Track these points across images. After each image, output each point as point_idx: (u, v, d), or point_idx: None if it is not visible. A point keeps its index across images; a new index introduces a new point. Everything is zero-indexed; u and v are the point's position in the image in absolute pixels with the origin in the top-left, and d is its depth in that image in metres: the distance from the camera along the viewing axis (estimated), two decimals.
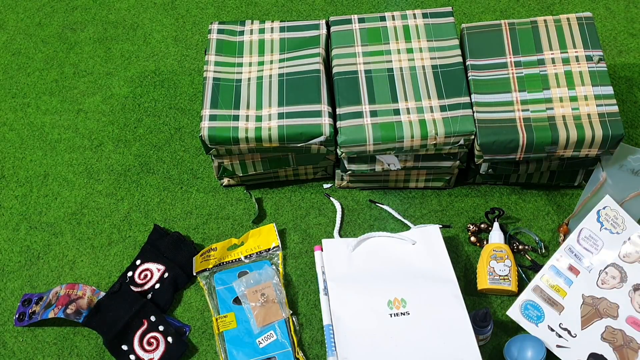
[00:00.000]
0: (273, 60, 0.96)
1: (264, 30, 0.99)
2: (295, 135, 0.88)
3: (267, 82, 0.93)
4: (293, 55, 0.96)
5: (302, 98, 0.91)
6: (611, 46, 1.14)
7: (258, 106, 0.92)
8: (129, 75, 1.16)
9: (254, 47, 0.98)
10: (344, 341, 0.82)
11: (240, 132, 0.89)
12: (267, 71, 0.95)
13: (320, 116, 0.89)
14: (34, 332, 0.90)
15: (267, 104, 0.91)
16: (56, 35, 1.23)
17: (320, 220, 0.98)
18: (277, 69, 0.95)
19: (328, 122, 0.89)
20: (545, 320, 0.84)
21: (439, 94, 0.90)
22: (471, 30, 0.95)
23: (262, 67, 0.95)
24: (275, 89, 0.93)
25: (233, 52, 0.97)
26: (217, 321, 0.87)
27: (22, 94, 1.15)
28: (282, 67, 0.95)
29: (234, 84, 0.94)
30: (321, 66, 0.94)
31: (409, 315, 0.83)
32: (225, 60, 0.96)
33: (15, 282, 0.94)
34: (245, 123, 0.90)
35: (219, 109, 0.91)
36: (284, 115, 0.90)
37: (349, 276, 0.88)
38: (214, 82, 0.94)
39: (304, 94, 0.91)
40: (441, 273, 0.88)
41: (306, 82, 0.92)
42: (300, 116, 0.89)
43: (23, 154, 1.08)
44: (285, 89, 0.92)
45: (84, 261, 0.96)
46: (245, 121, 0.90)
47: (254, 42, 0.98)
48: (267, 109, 0.91)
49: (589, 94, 0.89)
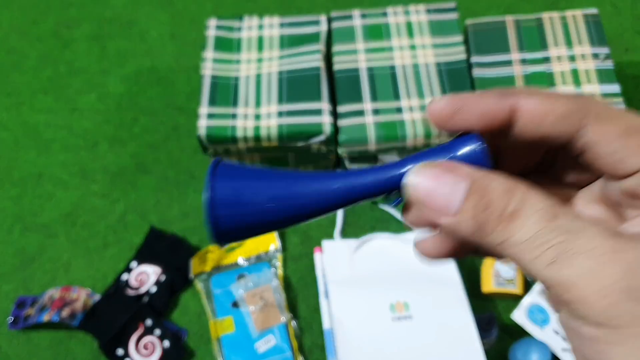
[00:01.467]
0: (272, 57, 0.94)
1: (262, 26, 0.97)
2: (294, 134, 0.86)
3: (267, 80, 0.91)
4: (293, 52, 0.93)
5: (301, 96, 0.89)
6: (617, 43, 1.12)
7: (257, 104, 0.89)
8: (125, 73, 1.14)
9: (252, 43, 0.95)
10: (345, 346, 0.80)
11: (239, 131, 0.87)
12: (266, 68, 0.92)
13: (321, 114, 0.87)
14: (29, 335, 0.88)
15: (267, 101, 0.89)
16: (51, 33, 1.21)
17: (320, 222, 0.96)
18: (277, 66, 0.92)
19: (328, 121, 0.87)
20: (550, 324, 0.82)
21: (442, 91, 0.88)
22: (476, 26, 0.94)
23: (261, 64, 0.93)
24: (274, 86, 0.90)
25: (231, 49, 0.95)
26: (214, 325, 0.86)
27: (16, 93, 1.13)
28: (281, 64, 0.93)
29: (232, 82, 0.92)
30: (321, 63, 0.92)
31: (412, 319, 0.82)
32: (223, 57, 0.94)
33: (10, 284, 0.93)
34: (244, 121, 0.88)
35: (217, 106, 0.89)
36: (284, 114, 0.88)
37: (350, 279, 0.87)
38: (212, 80, 0.92)
39: (303, 91, 0.89)
40: (445, 276, 0.86)
41: (306, 79, 0.90)
42: (299, 114, 0.87)
43: (17, 153, 1.06)
44: (284, 87, 0.90)
45: (79, 263, 0.94)
46: (244, 119, 0.88)
47: (253, 39, 0.96)
48: (267, 107, 0.89)
49: (596, 92, 0.87)
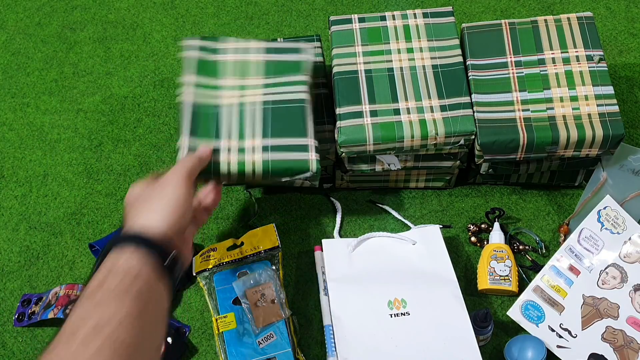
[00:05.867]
0: (256, 85, 0.89)
1: (248, 50, 0.92)
2: (280, 170, 0.84)
3: (250, 110, 0.87)
4: (277, 82, 0.90)
5: (287, 130, 0.85)
6: (612, 46, 1.14)
7: (240, 136, 0.85)
8: (129, 75, 1.16)
9: (235, 68, 0.91)
10: (344, 342, 0.82)
11: (222, 167, 0.83)
12: (250, 97, 0.88)
13: (307, 151, 0.84)
14: (34, 332, 0.90)
15: (250, 134, 0.85)
16: (56, 35, 1.23)
17: (320, 220, 0.98)
18: (261, 95, 0.88)
19: (315, 158, 0.84)
20: (545, 321, 0.83)
21: (439, 93, 0.90)
22: (471, 29, 0.95)
23: (243, 91, 0.89)
24: (258, 118, 0.86)
25: (212, 73, 0.90)
26: (216, 321, 0.87)
27: (22, 94, 1.15)
28: (265, 93, 0.88)
29: (213, 111, 0.87)
30: (307, 95, 0.89)
31: (409, 316, 0.83)
32: (203, 82, 0.89)
33: (15, 282, 0.94)
34: (227, 156, 0.84)
35: (199, 138, 0.85)
36: (269, 149, 0.84)
37: (349, 276, 0.88)
38: (193, 108, 0.86)
39: (289, 125, 0.86)
40: (441, 273, 0.87)
41: (291, 112, 0.87)
42: (285, 150, 0.84)
43: (22, 153, 1.08)
44: (269, 119, 0.86)
45: (84, 261, 0.96)
46: (227, 153, 0.84)
47: (236, 63, 0.91)
48: (251, 140, 0.85)
49: (590, 94, 0.89)
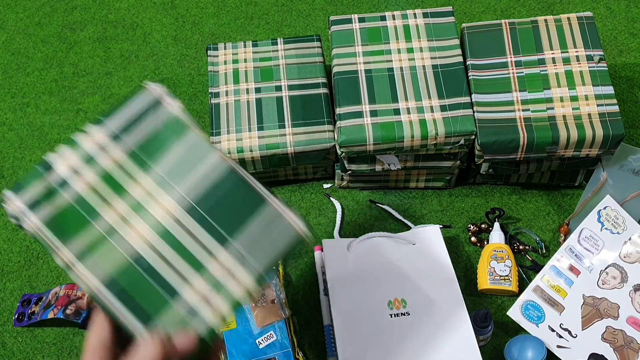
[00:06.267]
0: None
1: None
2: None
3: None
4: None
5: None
6: (612, 46, 1.14)
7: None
8: (129, 75, 1.16)
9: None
10: (344, 342, 0.82)
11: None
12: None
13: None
14: (34, 332, 0.90)
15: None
16: (56, 35, 1.23)
17: (320, 220, 0.98)
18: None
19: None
20: (545, 321, 0.83)
21: (439, 93, 0.90)
22: (471, 29, 0.95)
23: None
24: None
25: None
26: None
27: (22, 94, 1.15)
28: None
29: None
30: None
31: (409, 316, 0.83)
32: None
33: (15, 282, 0.94)
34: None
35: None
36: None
37: (349, 276, 0.88)
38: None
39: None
40: (441, 273, 0.87)
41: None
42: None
43: (22, 153, 1.08)
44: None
45: None
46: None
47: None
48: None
49: (590, 94, 0.89)
